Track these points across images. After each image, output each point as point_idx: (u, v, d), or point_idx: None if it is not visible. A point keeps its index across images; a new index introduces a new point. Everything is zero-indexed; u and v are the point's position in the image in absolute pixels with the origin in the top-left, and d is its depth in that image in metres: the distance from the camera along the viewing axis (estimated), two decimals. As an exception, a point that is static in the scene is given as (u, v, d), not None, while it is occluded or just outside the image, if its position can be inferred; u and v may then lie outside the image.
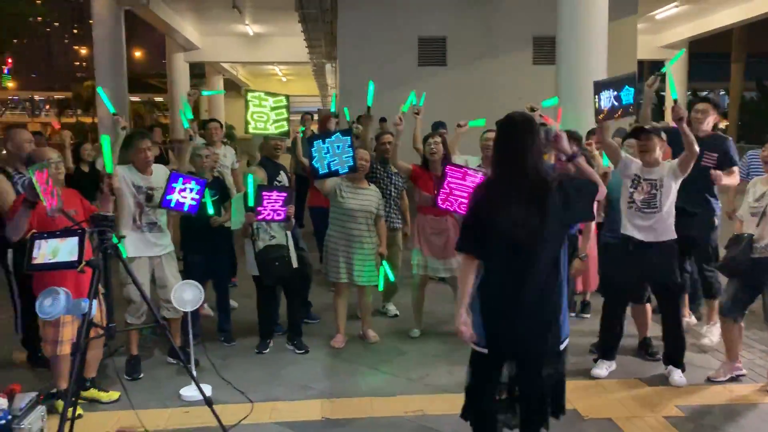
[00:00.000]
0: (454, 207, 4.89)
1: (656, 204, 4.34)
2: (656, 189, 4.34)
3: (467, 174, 4.91)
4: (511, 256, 2.80)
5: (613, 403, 4.13)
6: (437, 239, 5.27)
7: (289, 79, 38.89)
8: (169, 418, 3.96)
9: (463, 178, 4.90)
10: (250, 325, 5.44)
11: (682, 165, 4.28)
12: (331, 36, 18.38)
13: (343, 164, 4.96)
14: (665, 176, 4.34)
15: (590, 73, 8.70)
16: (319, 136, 5.17)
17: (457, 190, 4.90)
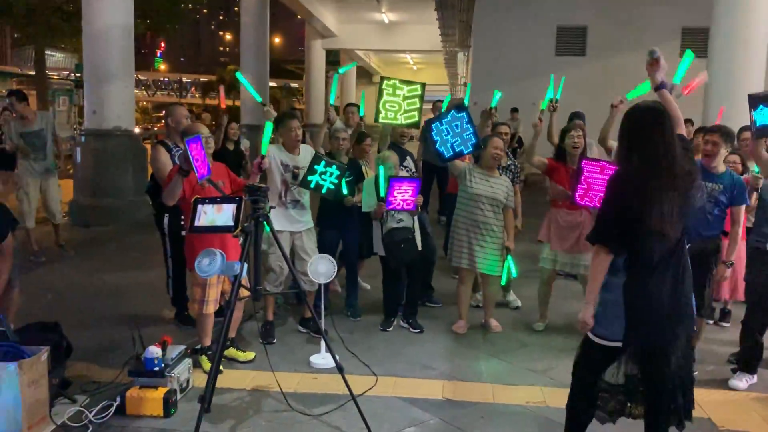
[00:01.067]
0: (593, 203, 4.74)
1: None
2: None
3: (605, 167, 4.76)
4: (663, 250, 2.76)
5: (753, 418, 3.88)
6: (570, 234, 5.15)
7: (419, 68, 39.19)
8: (299, 382, 4.20)
9: (601, 172, 4.75)
10: (374, 303, 5.61)
11: None
12: (465, 23, 18.29)
13: (465, 143, 4.94)
14: None
15: (747, 68, 8.14)
16: (435, 119, 5.13)
17: (595, 184, 4.74)
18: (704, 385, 4.35)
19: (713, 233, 4.43)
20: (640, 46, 16.98)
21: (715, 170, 4.41)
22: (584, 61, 14.83)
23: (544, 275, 5.41)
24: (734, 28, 8.42)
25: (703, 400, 4.09)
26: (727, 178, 4.39)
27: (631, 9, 14.59)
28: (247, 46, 16.96)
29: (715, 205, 4.38)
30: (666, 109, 2.90)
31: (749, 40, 8.31)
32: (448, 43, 23.37)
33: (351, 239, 5.51)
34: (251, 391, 4.07)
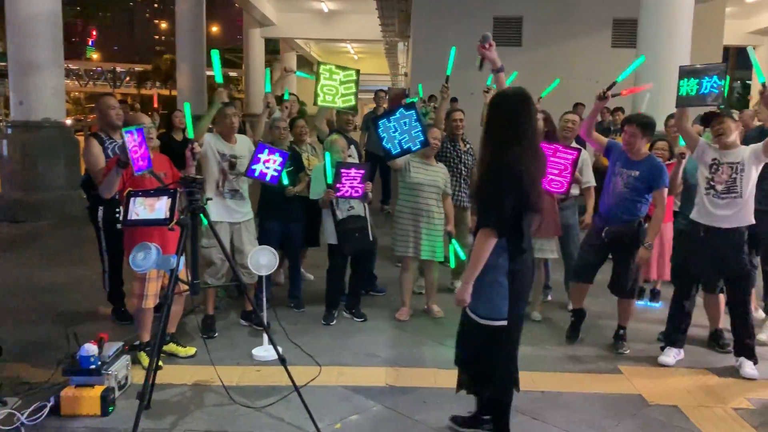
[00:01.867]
0: (543, 185, 4.84)
1: (737, 189, 4.24)
2: (736, 173, 4.24)
3: (559, 150, 4.85)
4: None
5: (680, 391, 4.07)
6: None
7: (360, 57, 39.07)
8: (241, 375, 4.17)
9: (554, 154, 4.85)
10: (318, 293, 5.61)
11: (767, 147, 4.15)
12: (405, 14, 18.35)
13: (414, 140, 4.99)
14: (746, 159, 4.23)
15: (673, 57, 8.42)
16: (383, 115, 5.18)
17: (548, 167, 4.83)
18: (635, 362, 4.55)
19: (633, 218, 4.61)
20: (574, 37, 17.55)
21: (634, 157, 4.58)
22: (520, 51, 15.09)
23: None
24: (660, 19, 8.75)
25: (634, 377, 4.28)
26: (645, 165, 4.57)
27: (564, 0, 14.93)
28: (183, 35, 16.57)
29: (632, 191, 4.55)
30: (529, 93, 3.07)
31: (674, 31, 8.66)
32: (388, 33, 23.42)
33: (294, 229, 5.47)
34: (192, 386, 4.02)
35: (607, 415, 3.74)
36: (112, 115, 4.85)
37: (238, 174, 4.80)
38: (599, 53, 14.65)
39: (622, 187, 4.57)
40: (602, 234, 4.67)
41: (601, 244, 4.72)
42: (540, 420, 3.66)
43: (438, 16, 15.16)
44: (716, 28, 15.10)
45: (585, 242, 4.94)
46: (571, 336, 4.92)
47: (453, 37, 15.16)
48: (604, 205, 4.71)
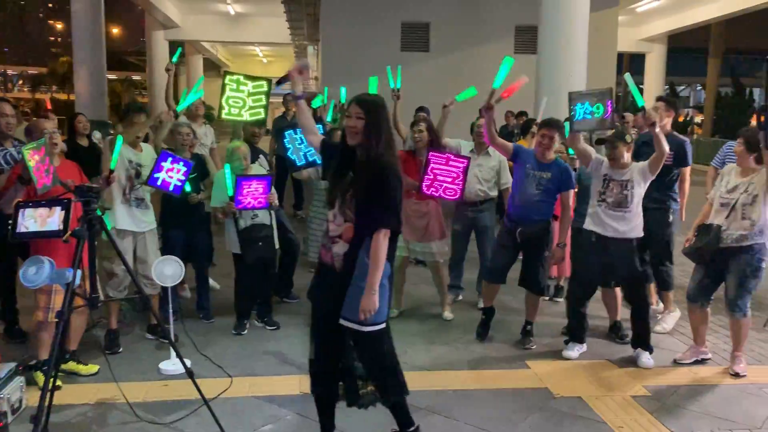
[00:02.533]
0: (439, 193, 4.99)
1: (626, 204, 4.48)
2: (626, 189, 4.48)
3: (450, 159, 4.99)
4: None
5: (582, 383, 4.26)
6: (419, 222, 5.34)
7: (270, 61, 38.61)
8: (148, 391, 4.01)
9: (446, 164, 4.99)
10: (228, 303, 5.48)
11: (652, 165, 4.43)
12: (313, 17, 18.28)
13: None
14: (635, 177, 4.48)
15: (571, 63, 8.85)
16: (289, 126, 5.11)
17: (441, 175, 4.99)
18: (541, 357, 4.72)
19: (544, 218, 4.80)
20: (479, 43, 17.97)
21: (545, 160, 4.77)
22: (428, 56, 15.37)
23: (397, 263, 5.56)
24: (558, 27, 9.13)
25: (540, 371, 4.45)
26: (555, 167, 4.77)
27: (469, 7, 15.32)
28: (80, 36, 15.78)
29: (544, 192, 4.74)
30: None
31: (571, 37, 9.06)
32: (297, 37, 23.26)
33: (200, 238, 5.32)
34: (95, 405, 3.83)
35: (516, 410, 3.86)
36: (2, 124, 4.55)
37: (142, 183, 4.63)
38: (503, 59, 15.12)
39: (535, 189, 4.74)
40: (515, 235, 4.82)
41: (514, 244, 4.87)
42: (452, 418, 3.73)
43: (347, 21, 15.19)
44: (610, 36, 15.91)
45: (497, 244, 5.08)
46: (481, 333, 5.05)
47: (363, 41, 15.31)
48: (516, 207, 4.86)
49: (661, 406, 3.94)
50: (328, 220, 3.13)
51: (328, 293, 3.08)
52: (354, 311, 2.98)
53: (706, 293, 4.52)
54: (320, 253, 3.17)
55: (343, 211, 3.03)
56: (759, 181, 4.26)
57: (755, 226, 4.24)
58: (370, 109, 3.03)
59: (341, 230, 3.04)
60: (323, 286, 3.15)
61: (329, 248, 3.09)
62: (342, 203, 3.04)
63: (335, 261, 3.06)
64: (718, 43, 27.30)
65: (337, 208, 3.06)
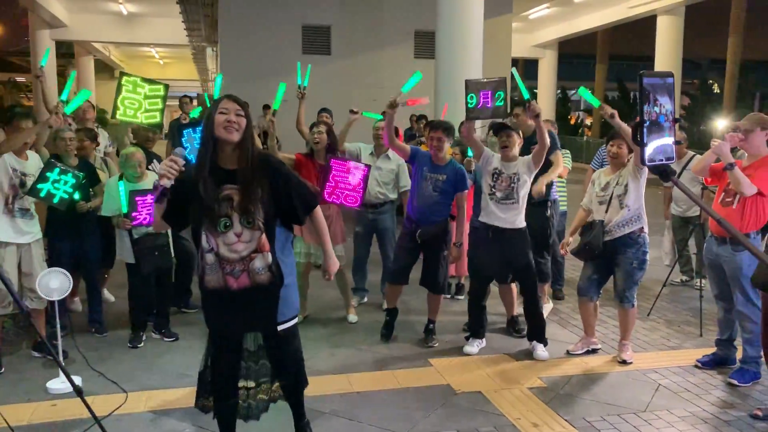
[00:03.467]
0: (340, 200, 5.02)
1: (514, 196, 4.69)
2: (514, 183, 4.68)
3: (351, 167, 5.03)
4: None
5: (482, 378, 4.39)
6: None
7: (166, 62, 37.33)
8: (33, 413, 3.76)
9: (347, 171, 5.02)
10: (123, 315, 5.24)
11: (536, 158, 4.66)
12: (211, 19, 17.84)
13: None
14: (521, 171, 4.69)
15: (467, 67, 9.10)
16: (187, 125, 4.98)
17: (342, 182, 5.01)
18: (443, 354, 4.82)
19: (441, 218, 4.91)
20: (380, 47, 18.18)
21: (440, 162, 4.88)
22: (329, 59, 15.37)
23: (300, 268, 5.52)
24: (454, 32, 9.40)
25: (442, 367, 4.54)
26: (450, 169, 4.89)
27: (370, 11, 15.46)
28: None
29: (440, 194, 4.85)
30: None
31: (467, 43, 9.35)
32: (194, 39, 22.60)
33: (90, 247, 5.06)
34: (-28, 431, 3.55)
35: (418, 407, 3.92)
36: None
37: (26, 194, 4.36)
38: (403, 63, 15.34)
39: (432, 191, 4.84)
40: (416, 236, 4.89)
41: (414, 245, 4.95)
42: (356, 420, 3.74)
43: (246, 23, 14.93)
44: (505, 41, 16.52)
45: (399, 246, 5.15)
46: (385, 334, 5.10)
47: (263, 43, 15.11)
48: (414, 208, 4.95)
49: (555, 396, 4.12)
50: (226, 243, 2.83)
51: (252, 316, 2.96)
52: (285, 311, 3.00)
53: (596, 287, 4.77)
54: (224, 283, 2.87)
55: (252, 223, 2.85)
56: (626, 171, 4.56)
57: (631, 210, 4.52)
58: (245, 107, 2.88)
59: (255, 244, 2.86)
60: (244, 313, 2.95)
61: (241, 271, 2.85)
62: (248, 217, 2.83)
63: (258, 277, 2.88)
64: (604, 49, 28.94)
65: (239, 224, 2.83)
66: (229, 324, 2.99)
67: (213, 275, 2.88)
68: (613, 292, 4.78)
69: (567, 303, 6.14)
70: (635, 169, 4.49)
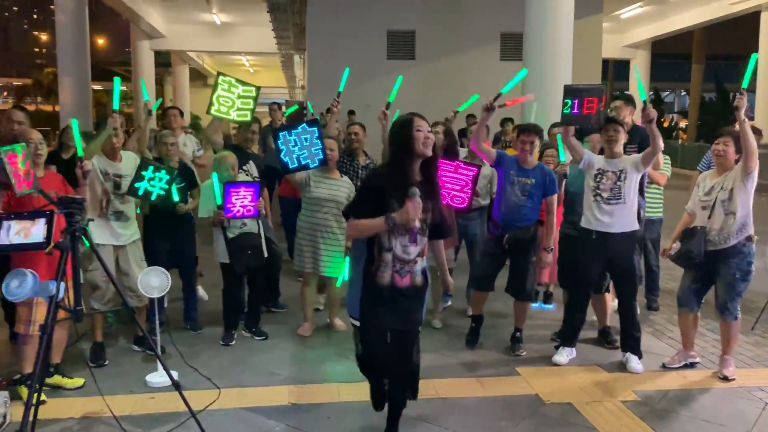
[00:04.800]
0: (446, 200, 4.94)
1: (620, 195, 4.49)
2: (620, 180, 4.49)
3: (460, 167, 4.98)
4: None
5: (573, 389, 4.25)
6: None
7: (256, 70, 38.59)
8: (135, 404, 3.95)
9: (455, 171, 4.98)
10: (216, 313, 5.44)
11: (645, 159, 4.46)
12: (299, 27, 18.29)
13: (312, 157, 4.93)
14: (628, 168, 4.49)
15: (556, 69, 8.90)
16: (285, 127, 5.10)
17: (449, 183, 4.97)
18: (531, 363, 4.71)
19: (528, 223, 4.80)
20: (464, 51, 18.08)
21: (527, 165, 4.78)
22: (414, 64, 15.42)
23: None
24: (544, 34, 9.19)
25: (530, 376, 4.44)
26: (538, 172, 4.78)
27: (454, 15, 15.41)
28: (64, 47, 15.72)
29: (528, 198, 4.74)
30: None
31: (557, 44, 9.12)
32: (283, 47, 23.25)
33: (186, 248, 5.28)
34: (80, 419, 3.77)
35: (505, 417, 3.84)
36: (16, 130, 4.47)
37: (123, 194, 4.58)
38: (488, 66, 15.20)
39: (519, 195, 4.74)
40: (503, 242, 4.80)
41: (501, 252, 4.86)
42: (441, 427, 3.71)
43: (333, 30, 15.22)
44: (595, 42, 16.05)
45: (485, 252, 5.06)
46: (470, 341, 5.04)
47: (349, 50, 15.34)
48: (501, 214, 4.85)
49: (651, 411, 3.94)
50: (402, 245, 3.16)
51: (405, 313, 3.25)
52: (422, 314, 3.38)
53: (696, 298, 4.53)
54: (392, 279, 3.19)
55: (424, 231, 3.22)
56: (732, 175, 4.30)
57: (736, 219, 4.27)
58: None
59: (421, 248, 3.24)
60: (399, 310, 3.23)
61: (407, 272, 3.20)
62: (422, 225, 3.18)
63: (417, 279, 3.25)
64: (701, 48, 27.61)
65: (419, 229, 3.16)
66: (386, 317, 3.25)
67: (386, 272, 3.19)
68: (714, 304, 4.53)
69: (662, 314, 5.87)
70: (743, 174, 4.23)
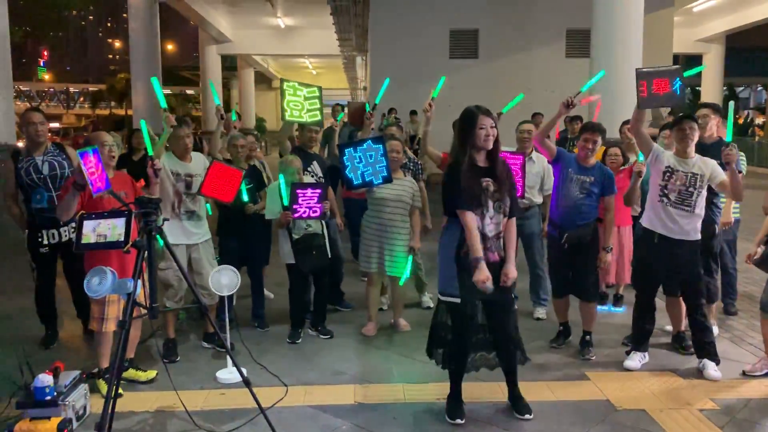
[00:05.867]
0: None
1: (690, 201, 4.30)
2: (692, 185, 4.29)
3: (507, 157, 4.89)
4: None
5: (646, 395, 4.10)
6: None
7: (319, 72, 39.07)
8: (206, 399, 4.05)
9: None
10: (283, 312, 5.52)
11: (722, 186, 4.33)
12: (362, 28, 18.43)
13: (377, 174, 4.94)
14: (705, 175, 4.29)
15: (626, 65, 8.62)
16: (350, 144, 5.14)
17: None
18: (601, 367, 4.57)
19: (587, 221, 4.67)
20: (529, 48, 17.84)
21: (587, 163, 4.66)
22: (477, 63, 15.28)
23: None
24: (612, 29, 8.95)
25: (601, 381, 4.31)
26: (597, 171, 4.67)
27: (519, 12, 15.19)
28: (137, 53, 16.34)
29: (587, 196, 4.62)
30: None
31: (626, 40, 8.86)
32: (345, 48, 23.47)
33: (255, 248, 5.38)
34: (155, 412, 3.89)
35: (575, 422, 3.74)
36: (31, 132, 4.87)
37: (195, 194, 4.70)
38: (554, 63, 14.91)
39: (578, 193, 4.63)
40: (562, 241, 4.70)
41: (564, 252, 4.75)
42: (511, 430, 3.65)
43: (395, 30, 15.25)
44: (666, 37, 15.52)
45: (552, 257, 4.95)
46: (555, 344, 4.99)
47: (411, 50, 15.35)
48: (558, 212, 4.76)
49: (732, 421, 3.75)
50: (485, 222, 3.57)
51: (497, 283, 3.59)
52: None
53: (780, 303, 4.30)
54: (486, 256, 3.55)
55: (501, 209, 3.62)
56: None
57: None
58: (494, 119, 3.62)
59: (501, 226, 3.66)
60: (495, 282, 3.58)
61: (495, 247, 3.63)
62: (500, 202, 3.61)
63: (500, 253, 3.66)
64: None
65: (493, 209, 3.59)
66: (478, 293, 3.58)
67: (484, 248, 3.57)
68: (801, 310, 4.28)
69: (741, 319, 5.61)
70: None
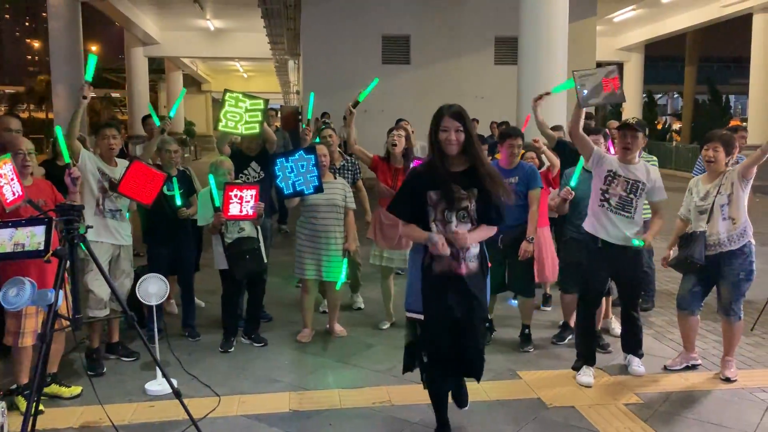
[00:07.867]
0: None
1: (630, 209, 4.30)
2: (633, 193, 4.29)
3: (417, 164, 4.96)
4: None
5: (575, 392, 4.23)
6: (393, 231, 5.27)
7: (250, 76, 38.57)
8: (134, 413, 3.91)
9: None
10: (215, 320, 5.40)
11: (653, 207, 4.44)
12: (294, 32, 18.30)
13: (308, 184, 4.89)
14: (647, 183, 4.30)
15: (551, 72, 8.92)
16: (282, 154, 5.10)
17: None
18: (531, 366, 4.68)
19: (519, 222, 4.79)
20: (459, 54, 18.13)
21: (509, 166, 4.85)
22: (409, 68, 15.43)
23: (383, 273, 5.54)
24: (538, 38, 9.22)
25: (532, 380, 4.41)
26: (520, 170, 4.86)
27: (450, 19, 15.44)
28: (58, 54, 15.68)
29: (516, 198, 4.67)
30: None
31: (552, 47, 9.15)
32: (277, 52, 23.25)
33: (186, 254, 5.24)
34: (79, 428, 3.73)
35: (508, 421, 3.82)
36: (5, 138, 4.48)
37: (118, 195, 4.54)
38: (484, 70, 15.24)
39: None
40: (498, 244, 4.76)
41: (500, 252, 4.81)
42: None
43: (327, 35, 15.22)
44: (589, 45, 16.11)
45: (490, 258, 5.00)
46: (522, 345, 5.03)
47: (343, 55, 15.36)
48: None
49: (654, 414, 3.92)
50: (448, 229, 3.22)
51: (464, 299, 3.28)
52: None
53: (698, 300, 4.50)
54: (449, 267, 3.25)
55: (468, 217, 3.26)
56: (729, 180, 4.28)
57: (737, 225, 4.26)
58: (466, 119, 3.22)
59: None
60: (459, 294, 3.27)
61: (463, 258, 3.26)
62: (465, 210, 3.25)
63: (470, 265, 3.28)
64: (694, 51, 27.73)
65: (458, 218, 3.24)
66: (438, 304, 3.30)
67: (441, 262, 3.26)
68: (717, 305, 4.51)
69: (662, 315, 5.86)
70: (740, 178, 4.22)
